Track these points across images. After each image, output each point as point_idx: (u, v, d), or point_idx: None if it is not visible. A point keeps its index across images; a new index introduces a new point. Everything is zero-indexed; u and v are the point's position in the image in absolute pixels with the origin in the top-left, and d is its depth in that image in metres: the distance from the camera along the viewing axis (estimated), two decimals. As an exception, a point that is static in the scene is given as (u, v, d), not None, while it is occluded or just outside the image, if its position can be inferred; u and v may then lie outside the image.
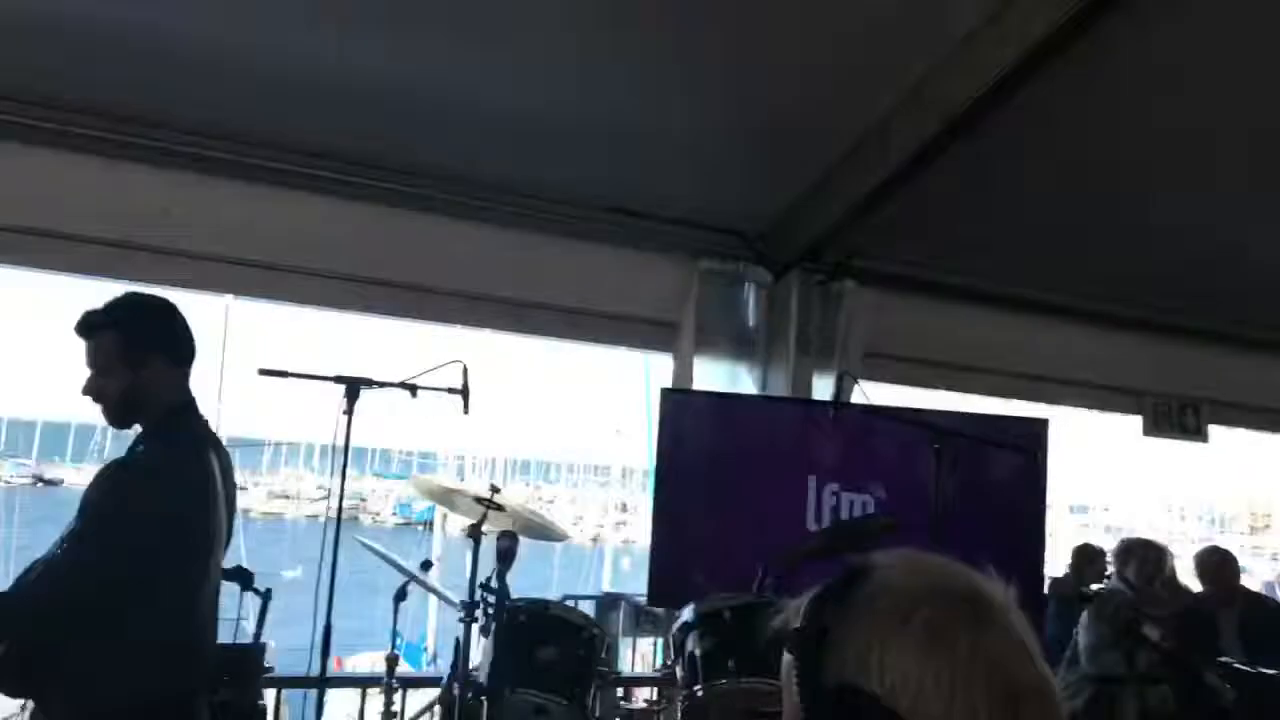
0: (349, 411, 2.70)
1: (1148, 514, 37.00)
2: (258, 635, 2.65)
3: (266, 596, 2.59)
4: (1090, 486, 38.99)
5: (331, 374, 2.69)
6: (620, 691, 3.77)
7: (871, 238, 4.16)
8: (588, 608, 5.31)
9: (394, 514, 42.15)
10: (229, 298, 6.77)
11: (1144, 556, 4.76)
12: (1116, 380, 5.23)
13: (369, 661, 11.51)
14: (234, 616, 2.70)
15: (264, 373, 2.63)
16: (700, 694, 2.60)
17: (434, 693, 3.31)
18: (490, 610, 2.69)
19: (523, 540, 2.79)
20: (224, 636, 2.70)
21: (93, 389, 2.18)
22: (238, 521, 2.40)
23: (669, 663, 2.85)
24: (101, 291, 2.35)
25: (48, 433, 39.54)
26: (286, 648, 3.56)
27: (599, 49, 3.28)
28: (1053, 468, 3.89)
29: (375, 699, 3.16)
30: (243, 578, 2.52)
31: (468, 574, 2.73)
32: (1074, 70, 3.19)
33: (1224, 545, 5.25)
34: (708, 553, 3.65)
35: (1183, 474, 39.96)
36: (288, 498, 42.04)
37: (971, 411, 4.07)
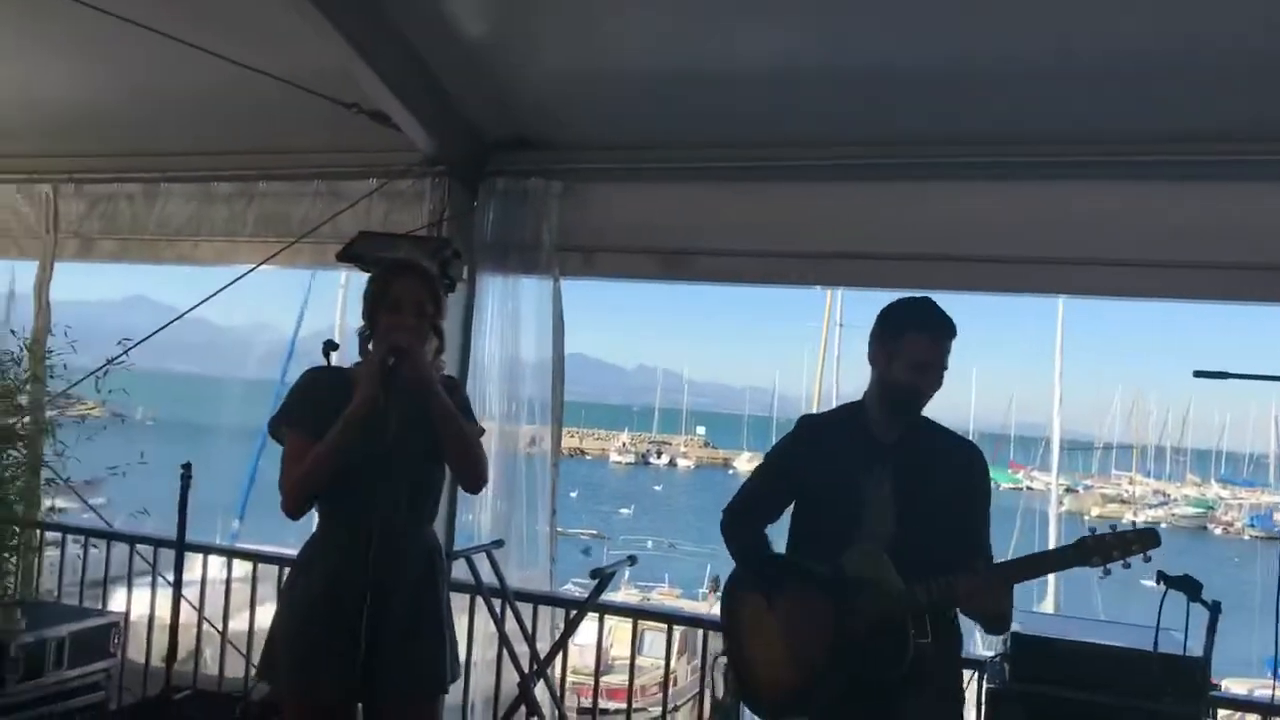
0: (1298, 414, 2.42)
1: None
2: (1208, 649, 2.52)
3: (1215, 609, 2.45)
4: None
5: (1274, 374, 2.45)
6: None
7: None
8: None
9: (1249, 526, 37.27)
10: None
11: None
12: None
13: (1242, 688, 10.49)
14: (1171, 626, 2.61)
15: (1199, 374, 2.52)
16: None
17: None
18: None
19: None
20: (1165, 647, 2.64)
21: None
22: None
23: None
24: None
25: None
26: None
27: None
28: None
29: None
30: (1191, 588, 2.42)
31: None
32: None
33: None
34: None
35: None
36: (1123, 501, 40.25)
37: None
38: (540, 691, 3.64)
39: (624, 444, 60.76)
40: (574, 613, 3.80)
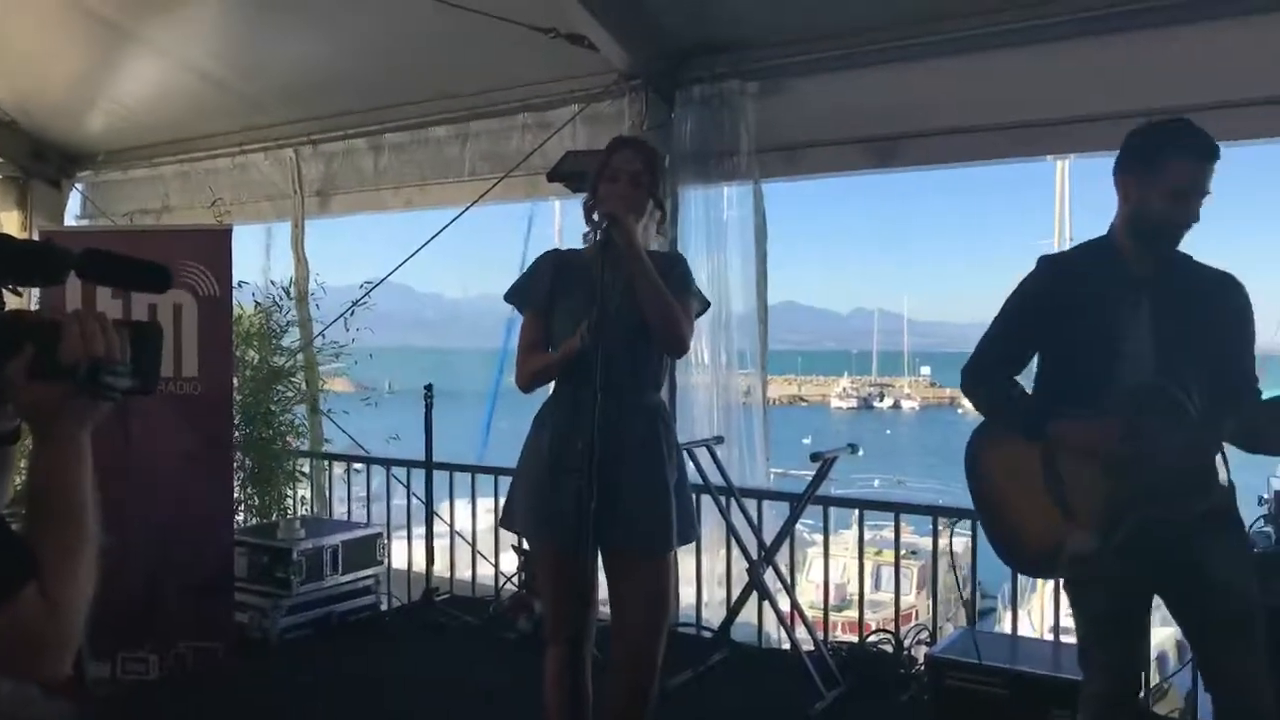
0: None
1: None
2: None
3: None
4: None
5: None
6: None
7: None
8: None
9: None
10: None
11: None
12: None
13: None
14: None
15: None
16: None
17: None
18: None
19: None
20: None
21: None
22: None
23: None
24: None
25: None
26: None
27: None
28: None
29: None
30: None
31: None
32: None
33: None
34: None
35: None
36: None
37: None
38: (769, 579, 3.69)
39: (844, 389, 59.72)
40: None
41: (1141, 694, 2.45)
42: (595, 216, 2.48)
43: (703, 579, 4.24)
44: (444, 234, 5.34)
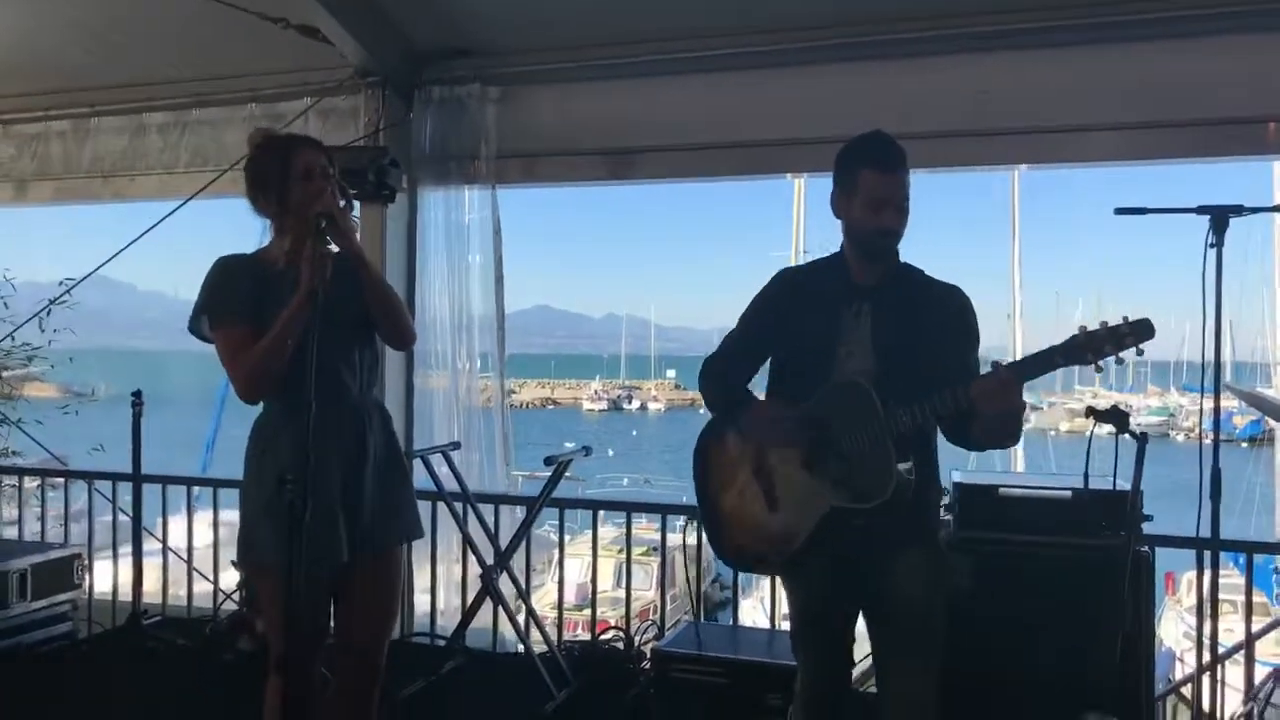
0: (1217, 244, 2.49)
1: None
2: (1136, 480, 2.62)
3: (1142, 440, 2.54)
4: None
5: (1192, 205, 2.51)
6: None
7: None
8: None
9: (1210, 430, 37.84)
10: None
11: None
12: None
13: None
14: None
15: (1120, 211, 2.58)
16: None
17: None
18: None
19: None
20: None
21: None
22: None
23: None
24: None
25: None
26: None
27: None
28: None
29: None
30: (1118, 419, 2.49)
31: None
32: None
33: None
34: None
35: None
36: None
37: None
38: (504, 584, 3.71)
39: (595, 391, 60.91)
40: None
41: (849, 686, 2.53)
42: (288, 218, 2.38)
43: (438, 586, 4.19)
44: (169, 228, 4.92)
